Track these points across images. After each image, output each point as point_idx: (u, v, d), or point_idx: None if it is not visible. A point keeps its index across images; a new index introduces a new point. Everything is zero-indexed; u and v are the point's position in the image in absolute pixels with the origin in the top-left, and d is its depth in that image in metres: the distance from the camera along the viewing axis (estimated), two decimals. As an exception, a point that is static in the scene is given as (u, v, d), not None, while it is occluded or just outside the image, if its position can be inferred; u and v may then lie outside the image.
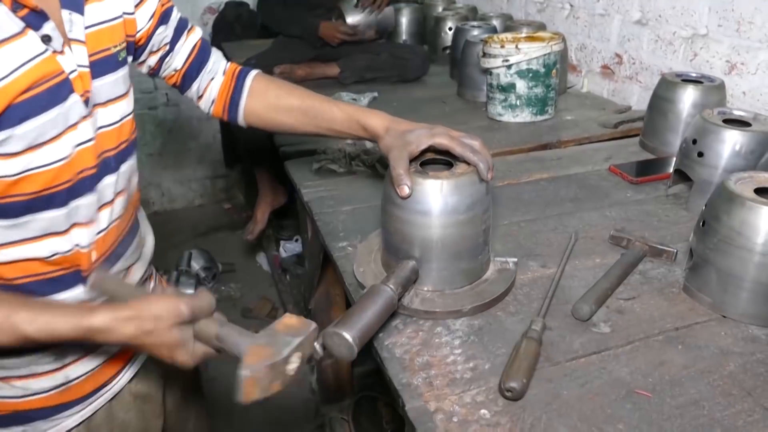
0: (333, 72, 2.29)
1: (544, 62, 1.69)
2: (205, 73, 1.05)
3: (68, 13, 0.75)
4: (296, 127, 1.05)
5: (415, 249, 0.88)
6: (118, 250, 0.89)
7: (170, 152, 3.75)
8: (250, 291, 2.97)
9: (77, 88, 0.76)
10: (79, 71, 0.76)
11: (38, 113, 0.71)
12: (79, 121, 0.76)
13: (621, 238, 1.06)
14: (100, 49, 0.80)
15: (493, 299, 0.91)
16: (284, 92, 1.05)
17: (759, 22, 1.42)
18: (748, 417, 0.71)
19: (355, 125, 0.99)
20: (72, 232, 0.80)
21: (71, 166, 0.76)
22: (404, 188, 0.84)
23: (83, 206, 0.80)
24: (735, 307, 0.88)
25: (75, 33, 0.76)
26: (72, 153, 0.76)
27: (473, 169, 0.87)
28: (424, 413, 0.73)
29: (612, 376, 0.78)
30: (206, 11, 3.49)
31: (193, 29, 1.03)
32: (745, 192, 0.88)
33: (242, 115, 1.06)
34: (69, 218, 0.79)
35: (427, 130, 0.90)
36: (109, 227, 0.85)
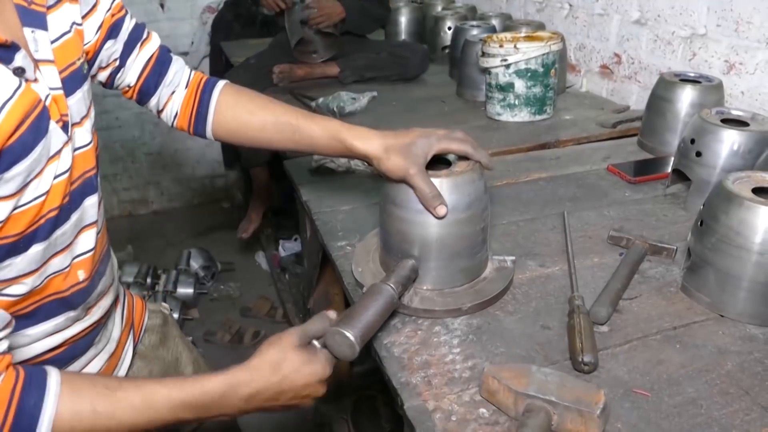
0: (333, 71, 2.29)
1: (543, 62, 1.69)
2: (164, 87, 0.96)
3: (31, 31, 0.69)
4: (272, 143, 0.97)
5: (415, 248, 0.89)
6: (100, 269, 0.85)
7: (169, 152, 3.74)
8: (249, 290, 2.97)
9: (53, 114, 0.70)
10: (53, 95, 0.70)
11: (26, 154, 0.65)
12: (61, 149, 0.71)
13: (620, 237, 1.06)
14: (68, 63, 0.74)
15: (492, 297, 0.91)
16: (257, 107, 0.96)
17: (757, 22, 1.42)
18: (746, 416, 0.72)
19: (338, 145, 0.92)
20: (49, 264, 0.74)
21: (52, 198, 0.71)
22: (443, 208, 0.84)
23: (64, 234, 0.75)
24: (733, 307, 0.89)
25: (42, 52, 0.70)
26: (51, 185, 0.70)
27: (471, 167, 0.87)
28: (423, 412, 0.73)
29: (610, 375, 0.78)
30: (205, 10, 3.49)
31: (148, 39, 0.94)
32: (743, 192, 0.89)
33: (210, 130, 0.98)
34: (47, 252, 0.73)
35: (425, 139, 0.87)
36: (95, 246, 0.81)
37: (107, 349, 0.91)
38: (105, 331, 0.91)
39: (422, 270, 0.90)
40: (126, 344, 0.98)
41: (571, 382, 0.71)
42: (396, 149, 0.87)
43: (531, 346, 0.84)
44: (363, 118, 1.82)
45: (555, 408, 0.68)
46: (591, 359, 0.77)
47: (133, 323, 1.02)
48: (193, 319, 2.75)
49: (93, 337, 0.86)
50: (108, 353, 0.91)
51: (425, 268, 0.90)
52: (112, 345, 0.93)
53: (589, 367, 0.77)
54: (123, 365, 0.96)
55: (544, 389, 0.70)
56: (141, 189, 3.76)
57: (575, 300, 0.88)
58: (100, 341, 0.89)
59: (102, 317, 0.87)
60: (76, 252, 0.78)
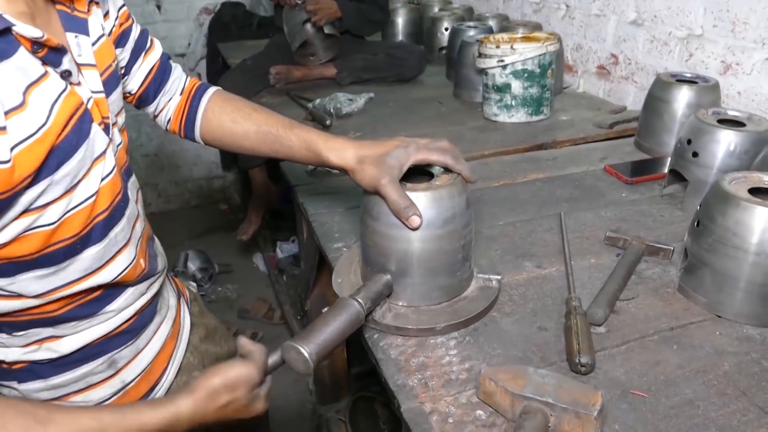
0: (330, 73, 2.29)
1: (540, 62, 1.69)
2: (163, 95, 1.00)
3: (74, 36, 0.72)
4: (255, 150, 0.99)
5: (391, 262, 0.86)
6: (151, 252, 0.91)
7: (166, 153, 3.74)
8: (246, 292, 2.97)
9: (95, 116, 0.73)
10: (94, 98, 0.73)
11: (72, 154, 0.68)
12: (105, 150, 0.74)
13: (617, 238, 1.06)
14: (106, 65, 0.77)
15: (469, 318, 0.87)
16: (241, 116, 0.97)
17: (754, 23, 1.43)
18: (743, 416, 0.71)
19: (313, 156, 0.92)
20: (114, 261, 0.79)
21: (102, 199, 0.74)
22: (416, 219, 0.81)
23: (122, 230, 0.80)
24: (730, 307, 0.88)
25: (85, 57, 0.72)
26: (99, 187, 0.73)
27: (452, 181, 0.84)
28: (420, 414, 0.73)
29: (607, 376, 0.78)
30: (202, 12, 3.49)
31: (152, 48, 0.97)
32: (739, 192, 0.89)
33: (198, 135, 1.02)
34: (107, 252, 0.78)
35: (403, 149, 0.84)
36: (142, 235, 0.87)
37: (169, 315, 0.99)
38: (163, 300, 0.98)
39: (398, 285, 0.87)
40: (182, 311, 1.05)
41: (568, 384, 0.71)
42: (370, 159, 0.84)
43: (528, 347, 0.84)
44: (360, 120, 1.82)
45: (552, 410, 0.68)
46: (588, 360, 0.77)
47: (181, 293, 1.09)
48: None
49: (155, 306, 0.94)
50: (171, 320, 0.99)
51: (401, 283, 0.87)
52: (172, 312, 1.00)
53: (586, 369, 0.77)
54: (184, 330, 1.04)
55: (540, 391, 0.69)
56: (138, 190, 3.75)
57: (572, 301, 0.87)
58: (161, 308, 0.96)
59: (161, 288, 0.95)
60: (136, 244, 0.84)
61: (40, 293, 0.73)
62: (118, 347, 0.87)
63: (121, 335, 0.86)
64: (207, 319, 1.15)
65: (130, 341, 0.88)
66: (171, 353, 0.98)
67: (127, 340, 0.88)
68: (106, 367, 0.86)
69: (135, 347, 0.89)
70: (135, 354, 0.90)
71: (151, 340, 0.93)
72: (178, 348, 1.00)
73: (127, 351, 0.88)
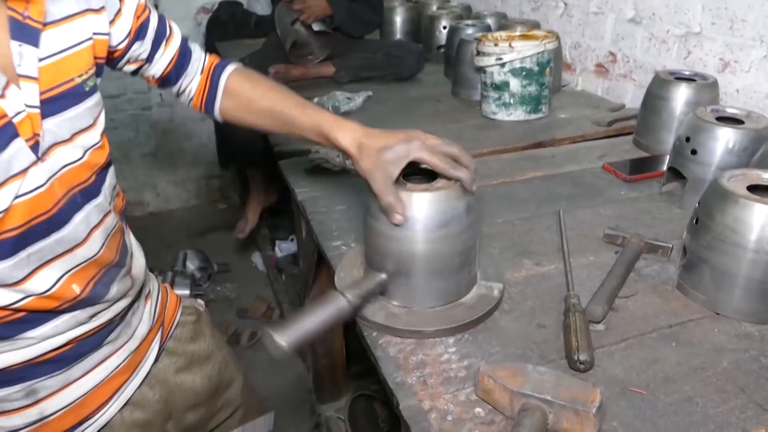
0: (328, 71, 2.28)
1: (538, 60, 1.69)
2: (185, 78, 1.02)
3: (18, 45, 0.67)
4: (270, 129, 1.01)
5: (387, 261, 0.85)
6: (104, 280, 0.82)
7: (165, 153, 3.74)
8: (245, 291, 2.97)
9: (23, 131, 0.67)
10: (28, 112, 0.67)
11: None
12: (28, 168, 0.68)
13: (616, 236, 1.06)
14: (61, 81, 0.73)
15: (461, 325, 0.85)
16: (258, 95, 0.99)
17: (752, 20, 1.43)
18: (742, 413, 0.71)
19: (322, 138, 0.91)
20: (29, 281, 0.72)
21: (12, 218, 0.68)
22: (398, 217, 0.80)
23: (41, 251, 0.73)
24: (728, 305, 0.88)
25: (25, 68, 0.68)
26: (11, 205, 0.67)
27: (450, 185, 0.82)
28: (419, 412, 0.73)
29: (606, 374, 0.78)
30: (200, 11, 3.48)
31: (171, 36, 0.98)
32: (738, 189, 0.88)
33: (218, 113, 1.03)
34: (19, 269, 0.71)
35: (405, 145, 0.82)
36: (87, 262, 0.79)
37: (128, 346, 0.91)
38: (127, 328, 0.91)
39: (394, 285, 0.86)
40: (153, 341, 0.98)
41: (567, 381, 0.71)
42: (369, 150, 0.83)
43: (527, 344, 0.84)
44: (358, 118, 1.79)
45: (551, 407, 0.68)
46: (587, 358, 0.77)
47: (164, 320, 1.02)
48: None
49: (103, 336, 0.86)
50: (129, 350, 0.91)
51: (397, 283, 0.86)
52: (135, 342, 0.93)
53: (585, 366, 0.77)
54: (147, 361, 0.96)
55: (539, 388, 0.69)
56: (136, 191, 3.75)
57: (571, 298, 0.87)
58: (117, 338, 0.88)
59: (115, 317, 0.86)
60: (66, 267, 0.76)
61: None
62: (41, 376, 0.79)
63: (47, 364, 0.79)
64: (199, 346, 1.08)
65: (57, 371, 0.81)
66: (119, 386, 0.90)
67: (54, 369, 0.80)
68: (23, 395, 0.79)
69: (65, 377, 0.82)
70: (63, 385, 0.82)
71: (90, 372, 0.85)
72: (131, 380, 0.92)
73: (52, 381, 0.81)
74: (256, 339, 2.62)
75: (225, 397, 1.12)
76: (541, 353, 0.82)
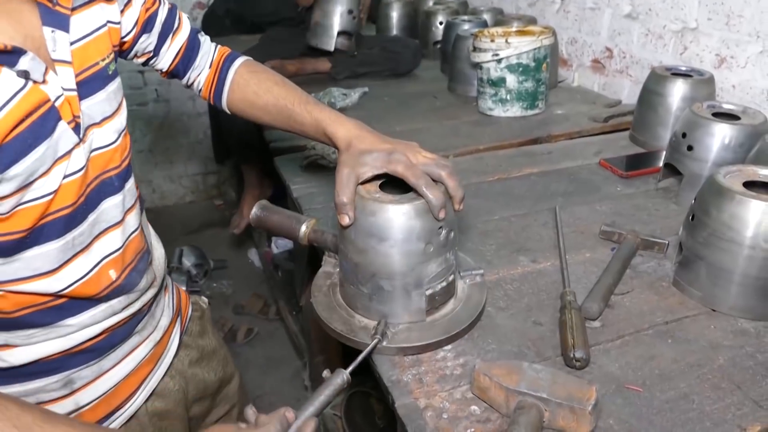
0: (324, 67, 2.27)
1: (534, 56, 1.68)
2: (193, 70, 1.02)
3: (51, 30, 0.69)
4: (274, 124, 1.01)
5: (373, 277, 0.82)
6: (138, 267, 0.85)
7: (160, 149, 3.72)
8: (241, 287, 2.96)
9: (65, 114, 0.70)
10: (66, 96, 0.70)
11: (27, 152, 0.65)
12: (72, 149, 0.71)
13: (612, 232, 1.06)
14: (89, 65, 0.75)
15: (459, 332, 0.83)
16: (263, 89, 0.99)
17: (748, 16, 1.42)
18: (738, 410, 0.71)
19: (321, 134, 0.91)
20: (71, 265, 0.75)
21: (62, 198, 0.71)
22: (344, 218, 0.79)
23: (81, 234, 0.75)
24: (725, 301, 0.88)
25: (59, 53, 0.70)
26: (60, 185, 0.70)
27: (422, 203, 0.78)
28: (414, 410, 0.72)
29: (602, 371, 0.78)
30: (195, 6, 3.47)
31: (179, 29, 0.99)
32: (734, 186, 0.88)
33: (225, 106, 1.04)
34: (65, 252, 0.73)
35: (385, 154, 0.80)
36: (124, 246, 0.81)
37: (152, 337, 0.93)
38: (152, 319, 0.92)
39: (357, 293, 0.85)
40: (173, 333, 1.00)
41: (563, 379, 0.70)
42: (354, 150, 0.83)
43: (523, 342, 0.83)
44: (354, 114, 1.78)
45: (546, 405, 0.68)
46: (583, 355, 0.77)
47: (180, 312, 1.04)
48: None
49: (133, 326, 0.87)
50: (154, 341, 0.93)
51: (357, 292, 0.85)
52: (158, 333, 0.94)
53: (581, 363, 0.77)
54: (169, 353, 0.98)
55: (535, 386, 0.69)
56: (132, 187, 3.74)
57: (567, 295, 0.87)
58: (144, 329, 0.90)
59: (143, 307, 0.88)
60: (103, 253, 0.79)
61: None
62: (78, 366, 0.81)
63: (83, 354, 0.80)
64: (206, 341, 1.09)
65: (92, 361, 0.82)
66: (145, 377, 0.92)
67: (90, 359, 0.82)
68: (60, 385, 0.80)
69: (98, 368, 0.83)
70: (97, 375, 0.84)
71: (120, 362, 0.86)
72: (155, 371, 0.94)
73: (87, 371, 0.82)
74: (252, 335, 2.61)
75: (224, 393, 1.13)
76: (537, 350, 0.82)
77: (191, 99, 3.61)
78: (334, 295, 0.92)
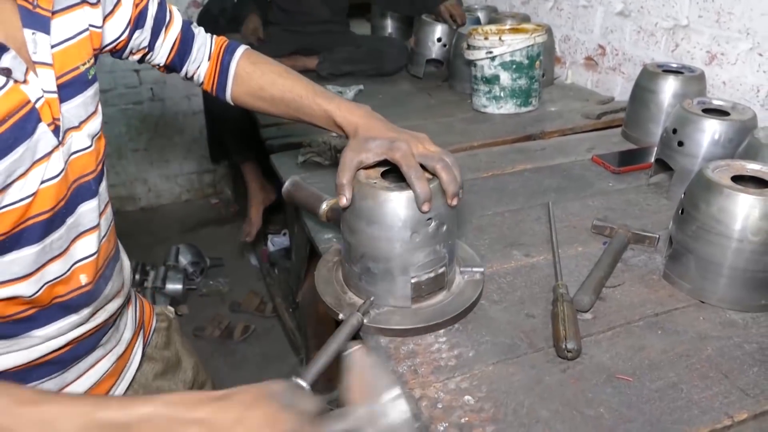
0: (313, 64, 2.28)
1: (528, 54, 1.70)
2: (190, 63, 1.02)
3: (31, 33, 0.69)
4: (281, 116, 1.01)
5: (362, 258, 0.85)
6: (105, 273, 0.84)
7: (156, 147, 3.72)
8: (238, 285, 2.97)
9: (44, 116, 0.69)
10: (46, 98, 0.69)
11: (6, 153, 0.64)
12: (51, 152, 0.70)
13: (604, 227, 1.08)
14: (70, 68, 0.74)
15: (452, 318, 0.85)
16: (268, 81, 1.00)
17: (738, 13, 1.44)
18: (725, 399, 0.73)
19: (332, 124, 0.93)
20: (46, 270, 0.74)
21: (40, 202, 0.70)
22: (342, 198, 0.82)
23: (60, 239, 0.74)
24: (713, 293, 0.90)
25: (40, 55, 0.69)
26: (38, 189, 0.69)
27: (398, 189, 0.80)
28: (409, 400, 0.73)
29: (593, 361, 0.80)
30: (190, 5, 3.47)
31: (171, 22, 0.98)
32: (722, 180, 0.90)
33: (230, 98, 1.04)
34: (42, 256, 0.72)
35: (388, 141, 0.82)
36: (98, 250, 0.81)
37: (116, 350, 0.91)
38: (116, 332, 0.91)
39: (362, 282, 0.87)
40: (135, 346, 0.98)
41: None
42: (361, 136, 0.86)
43: (516, 334, 0.85)
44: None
45: None
46: (574, 346, 0.78)
47: (143, 325, 1.03)
48: (183, 315, 2.75)
49: (98, 338, 0.86)
50: (116, 355, 0.91)
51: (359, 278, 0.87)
52: (121, 346, 0.93)
53: (573, 354, 0.79)
54: (131, 366, 0.96)
55: None
56: (128, 186, 3.74)
57: (559, 288, 0.89)
58: (108, 342, 0.89)
59: (109, 319, 0.87)
60: (77, 257, 0.78)
61: None
62: (41, 378, 0.79)
63: (46, 366, 0.79)
64: (171, 352, 1.07)
65: (55, 373, 0.81)
66: (107, 390, 0.90)
67: (52, 371, 0.80)
68: (56, 374, 0.80)
69: (61, 380, 0.82)
70: (60, 387, 0.82)
71: (83, 375, 0.85)
72: (118, 385, 0.93)
73: (50, 383, 0.80)
74: (249, 333, 2.62)
75: None
76: (530, 342, 0.83)
77: (186, 98, 3.61)
78: (336, 271, 0.96)
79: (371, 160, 0.83)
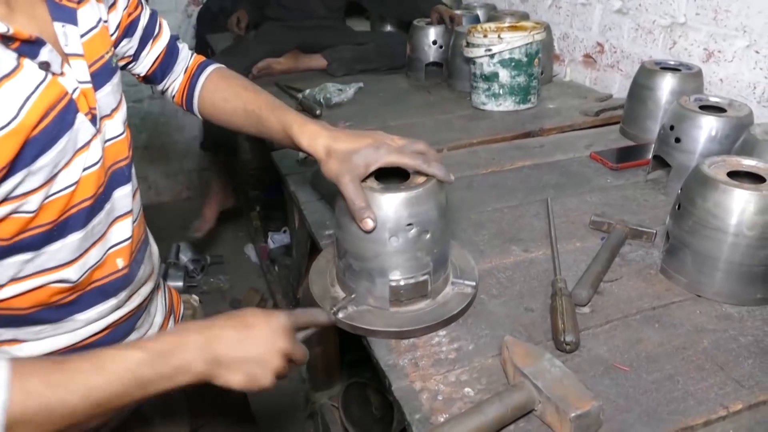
0: (319, 64, 2.28)
1: (527, 51, 1.71)
2: (169, 77, 1.05)
3: (61, 25, 0.71)
4: (243, 128, 1.02)
5: (346, 254, 0.86)
6: (138, 257, 0.87)
7: (156, 145, 3.73)
8: (238, 282, 2.99)
9: (82, 107, 0.72)
10: (81, 88, 0.72)
11: (51, 145, 0.67)
12: (90, 141, 0.73)
13: (601, 222, 1.09)
14: (97, 57, 0.77)
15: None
16: (231, 94, 1.01)
17: (735, 10, 1.45)
18: (720, 389, 0.75)
19: (288, 140, 0.92)
20: (88, 255, 0.77)
21: (83, 189, 0.73)
22: (368, 222, 0.79)
23: (100, 223, 0.78)
24: (709, 287, 0.91)
25: (72, 47, 0.72)
26: (81, 176, 0.72)
27: (431, 179, 0.82)
28: (410, 393, 0.75)
29: (591, 354, 0.81)
30: (190, 3, 3.48)
31: (159, 35, 1.00)
32: (718, 175, 0.91)
33: (197, 110, 1.07)
34: (85, 241, 0.76)
35: (373, 149, 0.82)
36: (132, 235, 0.84)
37: (149, 334, 0.94)
38: (148, 316, 0.94)
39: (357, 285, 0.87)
40: (167, 330, 1.01)
41: (571, 381, 0.70)
42: (337, 154, 0.83)
43: (515, 327, 0.86)
44: (349, 109, 1.83)
45: (540, 395, 0.70)
46: (572, 339, 0.80)
47: (173, 310, 1.06)
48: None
49: (134, 322, 0.89)
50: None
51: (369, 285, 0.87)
52: (154, 330, 0.96)
53: (571, 347, 0.80)
54: None
55: (539, 375, 0.71)
56: (128, 183, 3.75)
57: (558, 283, 0.90)
58: (142, 326, 0.92)
59: (142, 302, 0.90)
60: (112, 241, 0.81)
61: (13, 278, 0.71)
62: None
63: (87, 348, 0.79)
64: None
65: None
66: None
67: None
68: None
69: None
70: None
71: None
72: None
73: None
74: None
75: None
76: (529, 335, 0.85)
77: (186, 96, 3.62)
78: (332, 265, 0.96)
79: (368, 172, 0.82)
